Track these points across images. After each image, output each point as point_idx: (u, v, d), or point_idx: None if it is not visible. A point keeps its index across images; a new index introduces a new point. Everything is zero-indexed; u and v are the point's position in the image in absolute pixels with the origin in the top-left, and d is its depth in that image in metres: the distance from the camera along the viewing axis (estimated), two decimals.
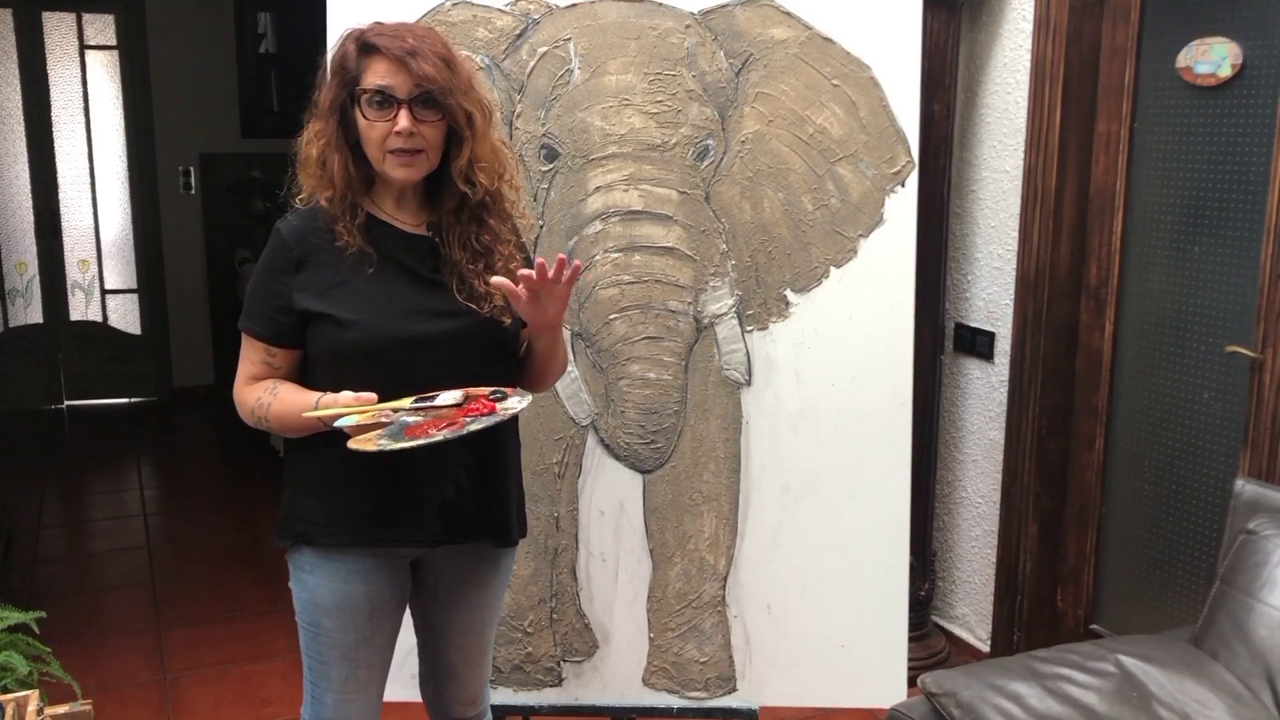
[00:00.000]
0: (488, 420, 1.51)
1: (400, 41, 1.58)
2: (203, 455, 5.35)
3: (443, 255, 1.68)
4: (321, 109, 1.65)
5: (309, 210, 1.68)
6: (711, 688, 2.33)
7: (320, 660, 1.76)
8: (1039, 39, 2.64)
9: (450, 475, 1.69)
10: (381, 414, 1.51)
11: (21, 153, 5.71)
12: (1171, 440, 2.54)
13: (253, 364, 1.69)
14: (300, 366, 1.71)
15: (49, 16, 5.64)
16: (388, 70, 1.58)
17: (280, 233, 1.68)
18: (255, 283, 1.69)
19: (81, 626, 3.36)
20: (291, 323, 1.66)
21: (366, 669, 1.78)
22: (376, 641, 1.77)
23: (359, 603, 1.72)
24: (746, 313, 2.25)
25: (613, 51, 2.17)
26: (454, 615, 1.85)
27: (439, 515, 1.70)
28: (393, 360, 1.62)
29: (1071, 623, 2.81)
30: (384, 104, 1.58)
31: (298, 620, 1.77)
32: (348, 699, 1.77)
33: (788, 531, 2.30)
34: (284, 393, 1.65)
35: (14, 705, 1.82)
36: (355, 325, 1.61)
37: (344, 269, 1.64)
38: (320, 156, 1.64)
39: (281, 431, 1.69)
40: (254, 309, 1.68)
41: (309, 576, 1.73)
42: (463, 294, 1.67)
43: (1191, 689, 1.78)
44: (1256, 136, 2.27)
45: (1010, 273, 2.81)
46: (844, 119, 2.22)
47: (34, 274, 5.85)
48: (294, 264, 1.65)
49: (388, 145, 1.60)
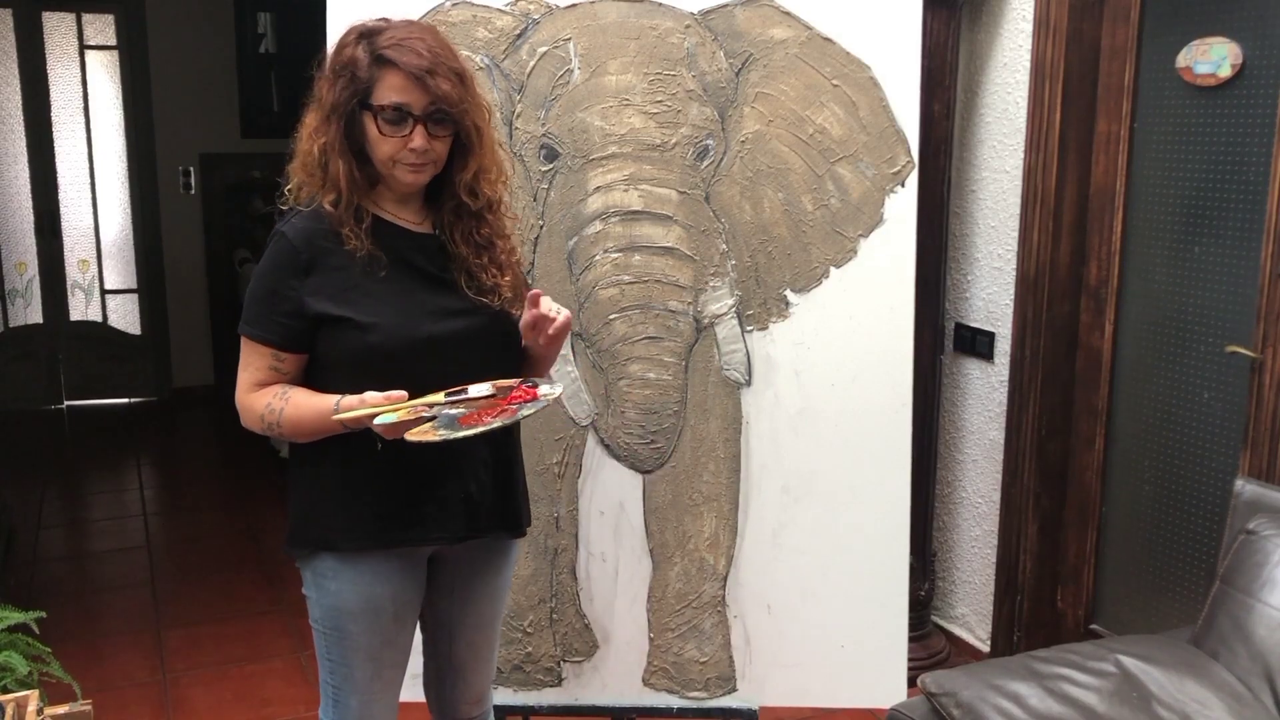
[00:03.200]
0: (533, 406, 1.55)
1: (416, 57, 1.56)
2: (203, 455, 5.35)
3: (450, 253, 1.70)
4: (324, 109, 1.62)
5: (313, 212, 1.66)
6: (711, 688, 2.33)
7: (344, 664, 1.75)
8: (1039, 39, 2.64)
9: (471, 471, 1.71)
10: (418, 410, 1.52)
11: (21, 153, 5.71)
12: (1171, 440, 2.54)
13: (257, 370, 1.66)
14: (305, 370, 1.69)
15: (49, 16, 5.64)
16: (404, 86, 1.57)
17: (286, 236, 1.64)
18: (259, 287, 1.65)
19: (81, 626, 3.36)
20: (302, 327, 1.64)
21: (391, 669, 1.78)
22: (399, 642, 1.78)
23: (384, 605, 1.72)
24: (746, 313, 2.25)
25: (613, 51, 2.17)
26: (466, 609, 1.86)
27: (462, 511, 1.72)
28: (412, 361, 1.62)
29: (1071, 623, 2.81)
30: (399, 120, 1.58)
31: (314, 625, 1.76)
32: (372, 700, 1.77)
33: (788, 531, 2.30)
34: (296, 397, 1.63)
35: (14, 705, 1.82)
36: (375, 328, 1.61)
37: (355, 272, 1.64)
38: (322, 158, 1.63)
39: (294, 436, 1.66)
40: (259, 314, 1.65)
41: (331, 583, 1.71)
42: (472, 289, 1.69)
43: (1191, 689, 1.78)
44: (1256, 136, 2.27)
45: (1010, 273, 2.81)
46: (844, 119, 2.22)
47: (34, 274, 5.85)
48: (303, 267, 1.63)
49: (399, 157, 1.61)
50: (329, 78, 1.62)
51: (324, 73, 1.64)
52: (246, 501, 4.52)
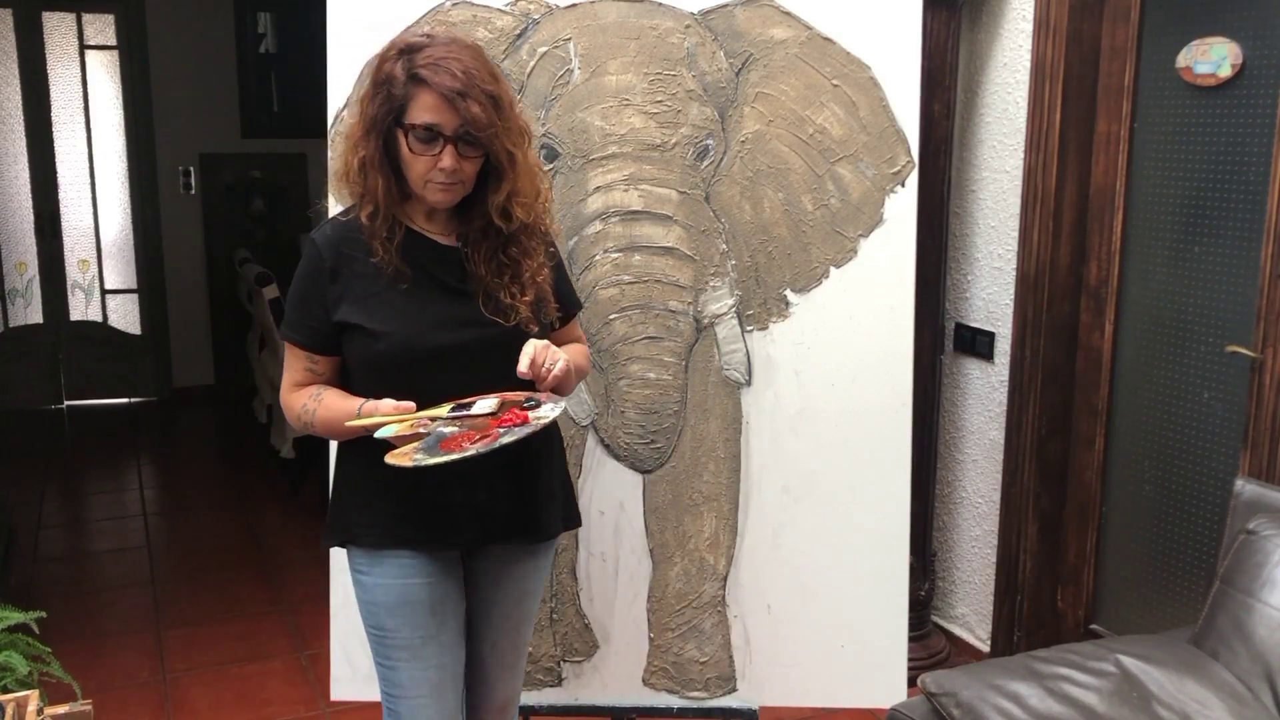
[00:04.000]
0: (520, 431, 1.54)
1: (450, 78, 1.56)
2: (203, 455, 5.34)
3: (468, 269, 1.71)
4: (365, 123, 1.64)
5: (345, 222, 1.71)
6: (711, 688, 2.33)
7: (390, 665, 1.76)
8: (1039, 39, 2.64)
9: (482, 479, 1.71)
10: (420, 424, 1.55)
11: (21, 153, 5.71)
12: (1171, 440, 2.54)
13: (297, 371, 1.74)
14: (342, 371, 1.75)
15: (49, 16, 5.64)
16: (436, 106, 1.57)
17: (315, 242, 1.71)
18: (294, 292, 1.73)
19: (81, 626, 3.36)
20: (328, 332, 1.70)
21: (437, 669, 1.77)
22: (443, 638, 1.77)
23: (420, 598, 1.74)
24: (746, 313, 2.25)
25: (613, 51, 2.17)
26: (491, 608, 1.86)
27: (472, 518, 1.73)
28: (421, 369, 1.66)
29: (1071, 623, 2.81)
30: (430, 140, 1.59)
31: (365, 629, 1.79)
32: (421, 704, 1.75)
33: (788, 531, 2.30)
34: (328, 399, 1.70)
35: (14, 705, 1.82)
36: (385, 337, 1.66)
37: (379, 281, 1.68)
38: (362, 170, 1.66)
39: (328, 435, 1.76)
40: (294, 318, 1.73)
41: (366, 576, 1.76)
42: (488, 308, 1.70)
43: (1191, 689, 1.78)
44: (1256, 136, 2.27)
45: (1010, 273, 2.81)
46: (844, 119, 2.22)
47: (34, 274, 5.85)
48: (328, 273, 1.69)
49: (430, 177, 1.62)
50: (370, 91, 1.64)
51: (366, 86, 1.66)
52: (246, 501, 4.52)
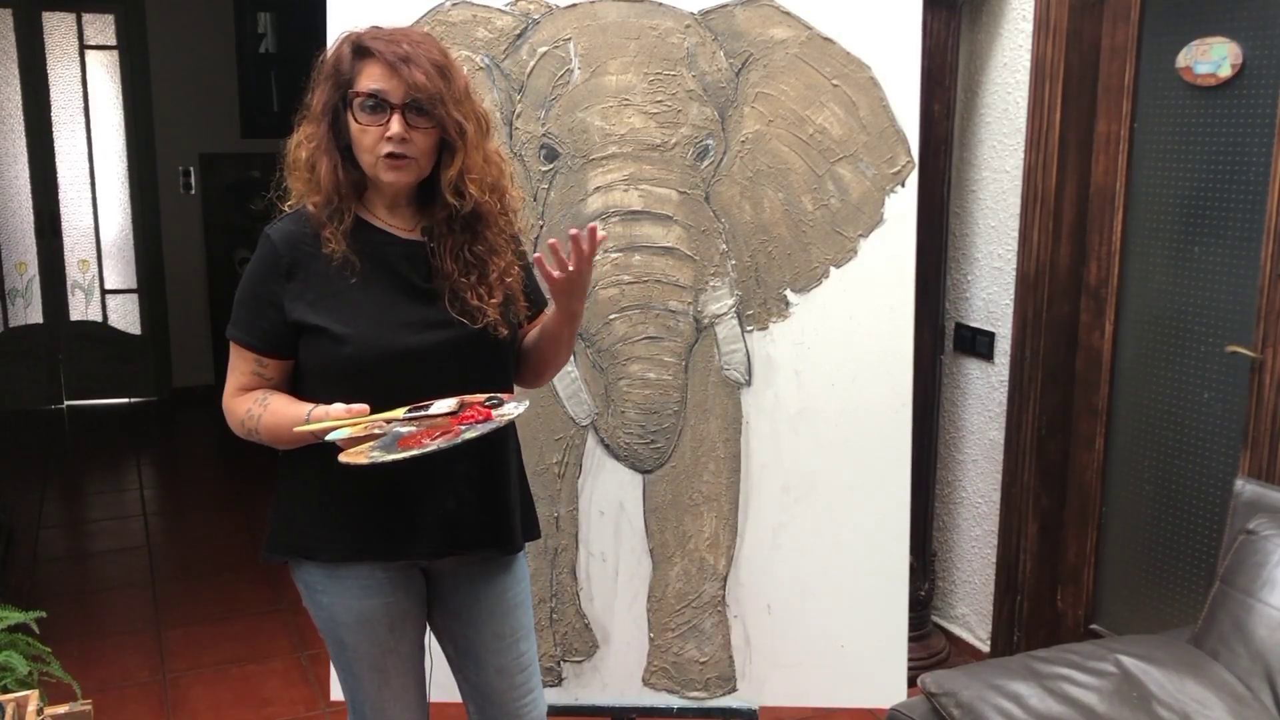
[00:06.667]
0: (483, 427, 1.49)
1: (395, 46, 1.55)
2: (203, 455, 5.35)
3: (433, 266, 1.65)
4: (314, 112, 1.62)
5: (296, 214, 1.65)
6: (711, 688, 2.33)
7: (351, 674, 1.74)
8: (1039, 39, 2.64)
9: (450, 486, 1.65)
10: (374, 426, 1.48)
11: (21, 153, 5.70)
12: (1171, 440, 2.54)
13: (242, 374, 1.65)
14: (291, 376, 1.67)
15: (49, 16, 5.64)
16: (381, 74, 1.55)
17: (270, 238, 1.63)
18: (244, 290, 1.64)
19: (81, 626, 3.36)
20: (283, 333, 1.62)
21: (399, 678, 1.74)
22: (402, 650, 1.74)
23: (378, 617, 1.69)
24: (746, 313, 2.25)
25: (613, 51, 2.17)
26: (480, 629, 1.80)
27: (440, 527, 1.66)
28: (386, 373, 1.59)
29: (1071, 623, 2.81)
30: (377, 108, 1.56)
31: (322, 635, 1.76)
32: (384, 708, 1.75)
33: (788, 531, 2.30)
34: (275, 404, 1.61)
35: (14, 705, 1.82)
36: (350, 340, 1.58)
37: (335, 278, 1.61)
38: (310, 160, 1.61)
39: (273, 443, 1.64)
40: (243, 318, 1.64)
41: (322, 596, 1.69)
42: (455, 308, 1.63)
43: (1191, 689, 1.78)
44: (1256, 136, 2.27)
45: (1010, 273, 2.81)
46: (844, 119, 2.22)
47: (34, 274, 5.85)
48: (285, 271, 1.61)
49: (379, 150, 1.57)
50: (318, 83, 1.62)
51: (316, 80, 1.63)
52: (246, 501, 4.52)
